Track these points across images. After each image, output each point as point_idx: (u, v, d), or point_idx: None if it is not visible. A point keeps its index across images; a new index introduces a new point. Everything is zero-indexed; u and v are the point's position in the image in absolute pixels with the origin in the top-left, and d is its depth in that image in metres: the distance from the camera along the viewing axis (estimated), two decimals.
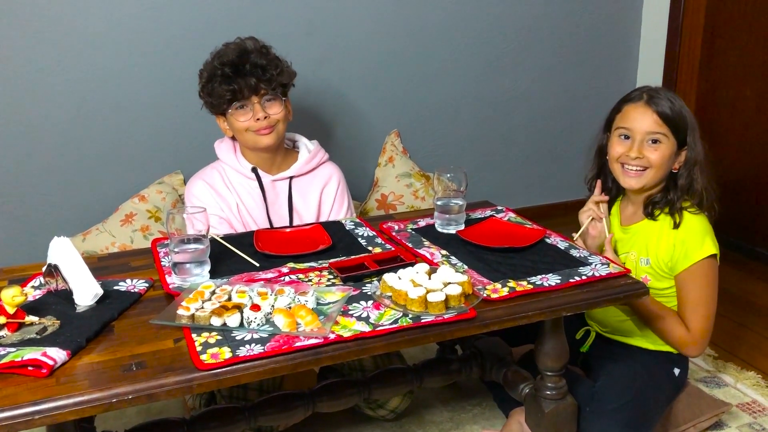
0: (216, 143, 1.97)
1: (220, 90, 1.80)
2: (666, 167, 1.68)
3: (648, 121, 1.65)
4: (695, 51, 3.10)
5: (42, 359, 1.10)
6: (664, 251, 1.68)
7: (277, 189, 1.93)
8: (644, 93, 1.69)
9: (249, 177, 1.90)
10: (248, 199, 1.90)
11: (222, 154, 1.94)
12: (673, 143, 1.66)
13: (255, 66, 1.80)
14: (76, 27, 2.35)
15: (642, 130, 1.66)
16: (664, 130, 1.65)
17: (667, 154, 1.66)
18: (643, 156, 1.66)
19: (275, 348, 1.16)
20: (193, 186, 1.91)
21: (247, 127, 1.82)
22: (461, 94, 3.01)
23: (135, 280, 1.42)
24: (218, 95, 1.81)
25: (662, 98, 1.66)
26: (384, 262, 1.47)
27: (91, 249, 2.35)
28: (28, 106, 2.36)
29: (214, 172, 1.92)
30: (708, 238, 1.67)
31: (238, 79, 1.79)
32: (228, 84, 1.79)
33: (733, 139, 2.98)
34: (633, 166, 1.68)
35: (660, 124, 1.65)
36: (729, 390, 1.98)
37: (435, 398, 1.95)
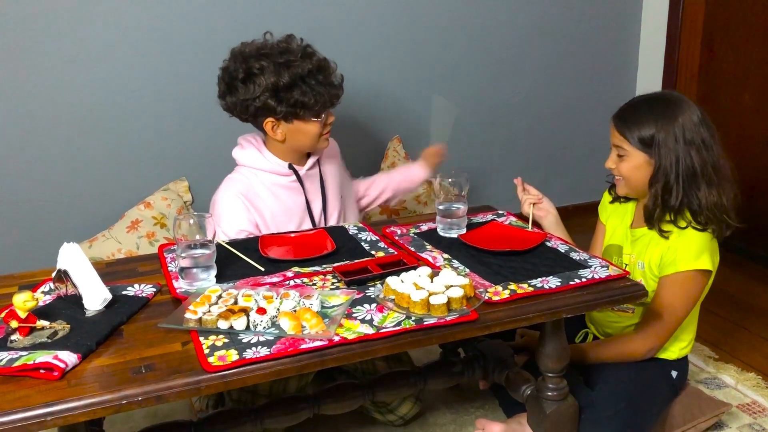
0: (236, 151, 1.92)
1: (315, 97, 1.78)
2: (637, 178, 1.70)
3: (613, 135, 1.72)
4: (694, 58, 3.12)
5: (54, 362, 1.12)
6: (656, 254, 1.70)
7: (311, 177, 1.96)
8: (624, 105, 1.73)
9: (285, 173, 1.90)
10: (285, 195, 1.90)
11: (250, 159, 1.89)
12: (638, 155, 1.67)
13: (336, 73, 1.86)
14: (82, 35, 2.38)
15: (612, 143, 1.74)
16: (624, 145, 1.68)
17: (632, 166, 1.69)
18: (615, 167, 1.73)
19: (281, 350, 1.18)
20: (224, 199, 1.85)
21: (318, 131, 1.85)
22: (462, 100, 3.03)
23: (143, 285, 1.45)
24: (305, 104, 1.77)
25: (631, 112, 1.69)
26: (387, 266, 1.50)
27: (98, 255, 2.38)
28: (34, 113, 2.39)
29: (246, 179, 1.88)
30: (705, 255, 1.65)
31: (329, 87, 1.82)
32: (322, 93, 1.79)
33: (731, 144, 2.99)
34: (614, 175, 1.77)
35: (620, 139, 1.69)
36: (729, 391, 1.99)
37: (438, 400, 1.97)
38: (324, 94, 1.80)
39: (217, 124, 2.61)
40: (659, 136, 1.63)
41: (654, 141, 1.64)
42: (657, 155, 1.64)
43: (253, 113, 1.81)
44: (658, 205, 1.66)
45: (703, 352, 2.21)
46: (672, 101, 1.68)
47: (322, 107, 1.81)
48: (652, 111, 1.66)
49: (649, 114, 1.66)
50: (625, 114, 1.70)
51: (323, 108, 1.82)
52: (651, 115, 1.65)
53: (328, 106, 1.85)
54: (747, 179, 2.92)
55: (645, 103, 1.70)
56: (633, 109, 1.70)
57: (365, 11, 2.75)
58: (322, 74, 1.81)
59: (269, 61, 1.76)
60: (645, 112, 1.67)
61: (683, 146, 1.63)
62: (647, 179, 1.68)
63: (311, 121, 1.82)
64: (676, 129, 1.63)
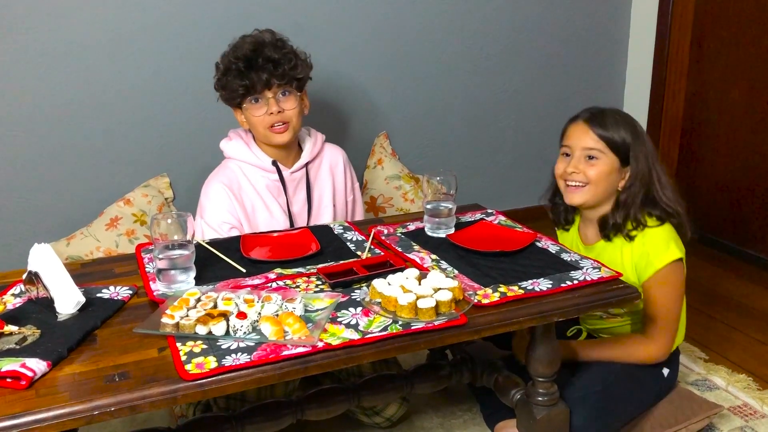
0: (223, 143, 1.92)
1: (234, 84, 1.79)
2: (606, 183, 1.68)
3: (585, 137, 1.67)
4: (684, 53, 3.10)
5: (21, 371, 1.07)
6: (629, 266, 1.68)
7: (296, 180, 1.92)
8: (586, 112, 1.72)
9: (269, 170, 1.87)
10: (266, 193, 1.88)
11: (235, 152, 1.89)
12: (612, 160, 1.66)
13: (268, 60, 1.78)
14: (60, 28, 2.32)
15: (579, 147, 1.69)
16: (600, 147, 1.66)
17: (604, 171, 1.66)
18: (580, 171, 1.68)
19: (262, 357, 1.13)
20: (210, 189, 1.85)
21: (261, 121, 1.81)
22: (450, 96, 2.99)
23: (118, 287, 1.39)
24: (232, 89, 1.80)
25: (603, 116, 1.68)
26: (373, 268, 1.45)
27: (76, 254, 2.32)
28: (9, 108, 2.32)
29: (230, 172, 1.87)
30: (672, 243, 1.65)
31: (251, 73, 1.78)
32: (241, 78, 1.78)
33: (721, 140, 2.98)
34: (573, 181, 1.70)
35: (596, 141, 1.66)
36: (720, 393, 1.97)
37: (425, 404, 1.93)
38: (250, 78, 1.77)
39: (199, 119, 2.56)
40: (636, 144, 1.66)
41: (631, 148, 1.66)
42: (635, 162, 1.66)
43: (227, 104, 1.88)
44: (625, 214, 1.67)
45: (693, 354, 2.19)
46: (629, 115, 1.72)
47: (247, 91, 1.78)
48: (622, 120, 1.68)
49: (621, 122, 1.68)
50: (598, 118, 1.68)
51: (249, 92, 1.79)
52: (623, 123, 1.67)
53: (259, 91, 1.78)
54: (736, 177, 2.92)
55: (610, 112, 1.70)
56: (603, 114, 1.69)
57: (352, 7, 2.70)
58: (247, 61, 1.77)
59: (228, 51, 1.83)
60: (617, 119, 1.68)
61: (652, 155, 1.68)
62: (613, 186, 1.68)
63: (250, 107, 1.81)
64: (646, 141, 1.69)
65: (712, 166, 3.04)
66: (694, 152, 3.13)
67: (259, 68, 1.78)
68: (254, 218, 1.86)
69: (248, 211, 1.85)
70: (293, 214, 1.91)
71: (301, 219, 1.94)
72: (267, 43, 1.80)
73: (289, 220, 1.91)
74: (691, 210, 1.72)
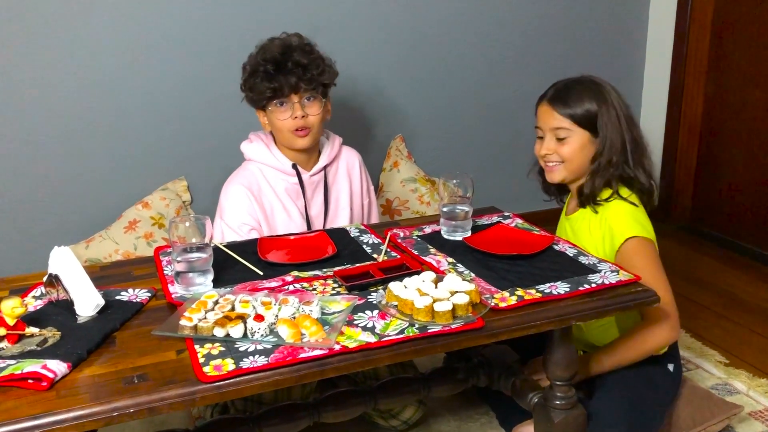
0: (244, 145, 1.94)
1: (261, 86, 1.80)
2: (581, 158, 1.68)
3: (550, 119, 1.68)
4: (702, 53, 3.07)
5: (42, 372, 1.08)
6: (598, 237, 1.67)
7: (315, 183, 1.94)
8: (551, 90, 1.71)
9: (289, 173, 1.89)
10: (285, 196, 1.89)
11: (255, 154, 1.90)
12: (581, 135, 1.66)
13: (297, 64, 1.80)
14: (78, 34, 2.35)
15: (547, 128, 1.70)
16: (565, 125, 1.66)
17: (576, 147, 1.67)
18: (553, 152, 1.70)
19: (279, 359, 1.14)
20: (230, 190, 1.87)
21: (285, 125, 1.82)
22: (466, 97, 2.98)
23: (137, 290, 1.40)
24: (259, 91, 1.81)
25: (567, 92, 1.67)
26: (389, 271, 1.45)
27: (95, 256, 2.34)
28: (29, 112, 2.35)
29: (250, 174, 1.89)
30: (630, 220, 1.63)
31: (279, 76, 1.79)
32: (269, 81, 1.79)
33: (741, 141, 2.95)
34: (549, 161, 1.72)
35: (561, 120, 1.66)
36: (741, 397, 1.95)
37: (443, 407, 1.92)
38: (279, 81, 1.78)
39: (217, 123, 2.58)
40: (602, 111, 1.65)
41: (598, 117, 1.65)
42: (603, 130, 1.65)
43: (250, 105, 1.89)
44: (599, 183, 1.66)
45: (713, 357, 2.16)
46: (596, 81, 1.70)
47: (274, 94, 1.79)
48: (587, 90, 1.67)
49: (585, 92, 1.66)
50: (560, 95, 1.68)
51: (276, 95, 1.80)
52: (587, 94, 1.66)
53: (286, 94, 1.80)
54: (756, 179, 2.88)
55: (574, 84, 1.70)
56: (566, 90, 1.68)
57: (367, 10, 2.70)
58: (275, 65, 1.79)
59: (252, 55, 1.85)
60: (580, 91, 1.67)
61: (624, 121, 1.66)
62: (589, 158, 1.68)
63: (275, 110, 1.83)
64: (615, 105, 1.66)
65: (732, 168, 3.00)
66: (713, 154, 3.10)
67: (288, 72, 1.79)
68: (273, 220, 1.87)
69: (267, 213, 1.86)
70: (311, 217, 1.92)
71: (318, 222, 1.95)
72: (295, 47, 1.82)
73: (307, 222, 1.92)
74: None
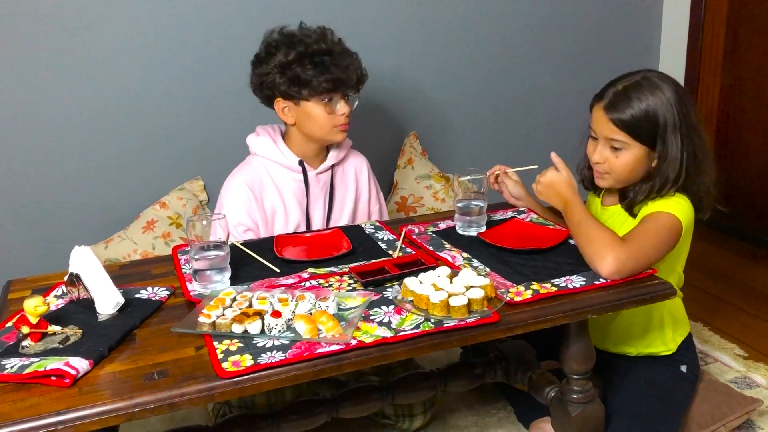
0: (250, 138, 1.90)
1: (315, 76, 1.73)
2: (632, 173, 1.60)
3: (605, 128, 1.58)
4: (718, 45, 3.04)
5: (65, 369, 1.10)
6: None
7: (321, 182, 1.91)
8: (609, 91, 1.60)
9: (294, 170, 1.86)
10: (288, 194, 1.86)
11: (261, 148, 1.86)
12: (638, 148, 1.57)
13: (353, 61, 1.79)
14: (97, 35, 2.37)
15: (603, 135, 1.60)
16: (622, 137, 1.56)
17: (629, 160, 1.58)
18: (605, 161, 1.61)
19: (297, 355, 1.15)
20: (231, 186, 1.83)
21: (333, 120, 1.79)
22: (480, 93, 2.98)
23: (156, 288, 1.42)
24: (304, 81, 1.73)
25: (626, 100, 1.56)
26: (405, 266, 1.46)
27: (113, 256, 2.37)
28: (48, 114, 2.38)
29: (254, 170, 1.85)
30: (677, 206, 1.54)
31: (335, 69, 1.74)
32: (324, 72, 1.73)
33: (757, 134, 2.92)
34: (599, 169, 1.65)
35: (617, 132, 1.56)
36: (761, 391, 1.93)
37: (460, 402, 1.93)
38: (327, 73, 1.73)
39: (233, 122, 2.60)
40: (664, 126, 1.54)
41: (659, 132, 1.54)
42: (662, 146, 1.55)
43: (267, 94, 1.82)
44: (649, 196, 1.58)
45: (732, 351, 2.15)
46: (660, 84, 1.57)
47: (324, 87, 1.74)
48: (647, 99, 1.54)
49: (644, 102, 1.54)
50: (618, 102, 1.56)
51: (326, 88, 1.74)
52: (648, 104, 1.54)
53: (332, 89, 1.76)
54: None
55: (635, 89, 1.56)
56: (625, 96, 1.56)
57: (379, 6, 2.70)
58: (331, 57, 1.75)
59: (285, 41, 1.77)
60: (641, 101, 1.54)
61: (686, 130, 1.55)
62: (642, 171, 1.60)
63: (317, 104, 1.77)
64: (676, 114, 1.54)
65: (749, 160, 2.98)
66: (729, 146, 3.07)
67: (346, 67, 1.76)
68: (272, 218, 1.85)
69: (267, 212, 1.84)
70: (311, 217, 1.89)
71: (318, 224, 1.91)
72: (341, 43, 1.80)
73: (307, 223, 1.89)
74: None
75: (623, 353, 1.74)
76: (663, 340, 1.71)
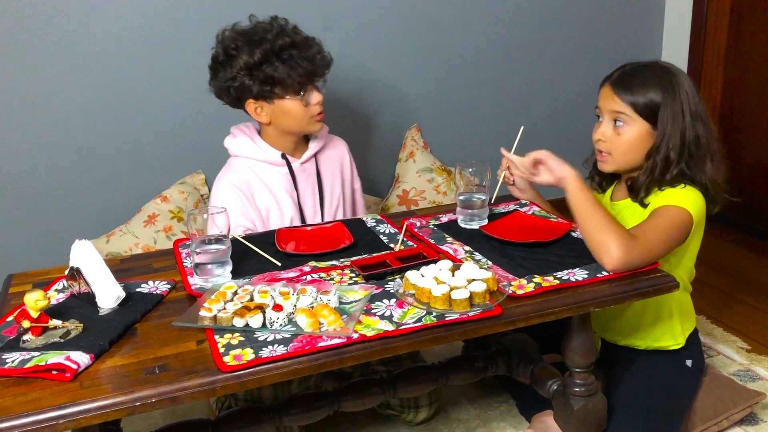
0: (227, 141, 1.89)
1: (287, 73, 1.71)
2: (636, 150, 1.59)
3: (610, 101, 1.59)
4: (721, 36, 3.02)
5: (66, 363, 1.10)
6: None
7: (306, 171, 1.90)
8: (617, 72, 1.62)
9: (278, 164, 1.85)
10: (277, 188, 1.86)
11: (242, 149, 1.86)
12: (641, 124, 1.57)
13: (317, 48, 1.79)
14: (94, 28, 2.36)
15: (606, 109, 1.61)
16: (625, 110, 1.57)
17: (632, 136, 1.58)
18: (606, 139, 1.61)
19: (298, 348, 1.15)
20: (220, 192, 1.82)
21: (310, 111, 1.79)
22: (482, 86, 2.97)
23: (157, 282, 1.42)
24: (279, 80, 1.72)
25: (632, 76, 1.58)
26: (406, 260, 1.45)
27: (115, 250, 2.37)
28: (49, 108, 2.37)
29: (239, 172, 1.84)
30: (689, 199, 1.52)
31: (305, 62, 1.74)
32: (297, 67, 1.72)
33: (761, 125, 2.91)
34: (600, 149, 1.64)
35: (621, 105, 1.57)
36: (764, 383, 1.93)
37: (462, 395, 1.93)
38: (298, 68, 1.72)
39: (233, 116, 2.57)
40: (667, 103, 1.55)
41: (661, 109, 1.55)
42: (663, 124, 1.55)
43: (235, 96, 1.79)
44: (652, 179, 1.57)
45: (735, 344, 2.14)
46: (670, 69, 1.60)
47: (297, 82, 1.73)
48: (655, 78, 1.57)
49: (653, 81, 1.56)
50: (625, 79, 1.59)
51: (299, 84, 1.74)
52: (654, 82, 1.56)
53: (306, 82, 1.75)
54: None
55: (643, 69, 1.60)
56: (632, 74, 1.59)
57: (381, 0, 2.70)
58: (297, 50, 1.74)
59: (245, 40, 1.74)
60: (647, 78, 1.57)
61: (689, 117, 1.55)
62: (644, 152, 1.59)
63: (291, 99, 1.76)
64: (682, 98, 1.55)
65: (752, 153, 2.96)
66: (733, 138, 3.06)
67: (313, 57, 1.76)
68: (267, 215, 1.85)
69: (261, 210, 1.83)
70: (304, 207, 1.89)
71: (312, 212, 1.91)
72: (300, 37, 1.78)
73: (300, 214, 1.88)
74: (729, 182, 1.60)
75: (632, 346, 1.73)
76: (672, 333, 1.70)
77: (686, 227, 1.52)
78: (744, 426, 1.75)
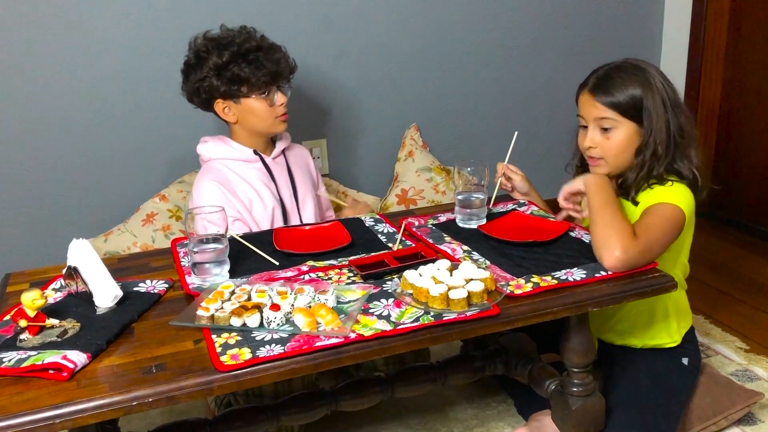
0: (200, 147, 1.96)
1: (252, 73, 1.82)
2: (626, 153, 1.61)
3: (593, 109, 1.61)
4: (720, 37, 3.02)
5: (62, 362, 1.09)
6: None
7: (279, 164, 1.99)
8: (591, 78, 1.64)
9: (252, 160, 1.93)
10: (256, 182, 1.92)
11: (215, 152, 1.93)
12: (628, 125, 1.58)
13: (282, 54, 1.90)
14: (95, 28, 2.36)
15: (591, 118, 1.62)
16: (610, 115, 1.58)
17: (621, 139, 1.59)
18: (597, 146, 1.62)
19: (295, 348, 1.15)
20: (202, 189, 1.85)
21: (274, 111, 1.88)
22: (480, 86, 2.97)
23: (155, 281, 1.42)
24: (243, 79, 1.82)
25: (608, 79, 1.59)
26: (404, 259, 1.45)
27: (113, 249, 2.36)
28: (47, 107, 2.37)
29: (217, 171, 1.90)
30: (679, 195, 1.54)
31: (269, 63, 1.84)
32: (260, 67, 1.83)
33: (760, 126, 2.91)
34: (592, 155, 1.65)
35: (605, 110, 1.58)
36: (762, 383, 1.93)
37: (459, 395, 1.92)
38: (263, 68, 1.83)
39: None
40: (647, 100, 1.57)
41: (644, 106, 1.57)
42: (648, 120, 1.57)
43: (205, 97, 1.88)
44: (642, 176, 1.59)
45: (733, 344, 2.14)
46: (641, 66, 1.61)
47: (262, 82, 1.83)
48: (630, 77, 1.58)
49: (629, 80, 1.58)
50: (601, 83, 1.60)
51: (264, 83, 1.84)
52: (631, 81, 1.58)
53: (271, 82, 1.86)
54: None
55: (617, 71, 1.61)
56: (608, 78, 1.60)
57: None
58: (263, 52, 1.85)
59: (214, 44, 1.85)
60: (623, 79, 1.58)
61: (670, 107, 1.58)
62: (634, 151, 1.61)
63: (256, 98, 1.85)
64: (660, 91, 1.58)
65: (751, 153, 2.96)
66: (732, 139, 3.06)
67: (278, 60, 1.87)
68: (250, 205, 1.90)
69: (244, 201, 1.88)
70: (284, 198, 1.96)
71: (290, 203, 1.98)
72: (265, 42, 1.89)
73: (281, 205, 1.95)
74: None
75: (628, 345, 1.74)
76: (668, 331, 1.71)
77: (680, 223, 1.53)
78: (742, 426, 1.75)
